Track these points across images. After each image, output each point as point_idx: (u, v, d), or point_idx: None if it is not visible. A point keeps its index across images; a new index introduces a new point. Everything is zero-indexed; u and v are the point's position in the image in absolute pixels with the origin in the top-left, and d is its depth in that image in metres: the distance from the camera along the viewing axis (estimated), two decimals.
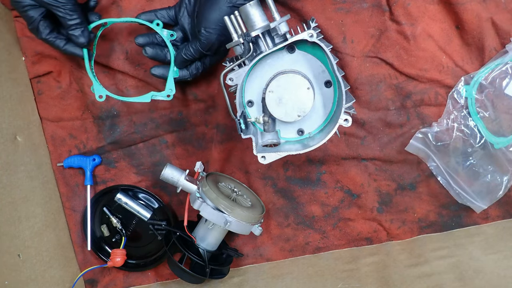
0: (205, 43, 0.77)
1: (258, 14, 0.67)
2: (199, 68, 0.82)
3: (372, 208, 0.91)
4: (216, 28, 0.75)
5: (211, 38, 0.76)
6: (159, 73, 0.83)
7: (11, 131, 0.83)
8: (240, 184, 0.92)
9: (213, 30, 0.76)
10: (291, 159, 0.91)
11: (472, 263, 0.81)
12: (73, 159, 0.92)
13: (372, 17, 0.84)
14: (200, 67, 0.82)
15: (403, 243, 0.91)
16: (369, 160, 0.90)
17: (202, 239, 0.85)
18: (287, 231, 0.93)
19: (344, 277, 0.84)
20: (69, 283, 0.90)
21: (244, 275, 0.91)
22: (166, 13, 0.83)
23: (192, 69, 0.82)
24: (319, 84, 0.71)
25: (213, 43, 0.77)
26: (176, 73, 0.82)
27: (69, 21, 0.76)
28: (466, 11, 0.82)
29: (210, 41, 0.77)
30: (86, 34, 0.78)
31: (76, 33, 0.77)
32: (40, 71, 0.90)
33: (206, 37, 0.76)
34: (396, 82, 0.87)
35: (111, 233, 0.93)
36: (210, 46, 0.77)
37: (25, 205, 0.83)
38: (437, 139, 0.85)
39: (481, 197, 0.86)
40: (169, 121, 0.92)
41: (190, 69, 0.82)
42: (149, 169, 0.94)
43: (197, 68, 0.82)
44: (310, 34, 0.65)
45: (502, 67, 0.83)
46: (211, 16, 0.75)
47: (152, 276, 0.95)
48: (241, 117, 0.70)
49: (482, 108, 0.84)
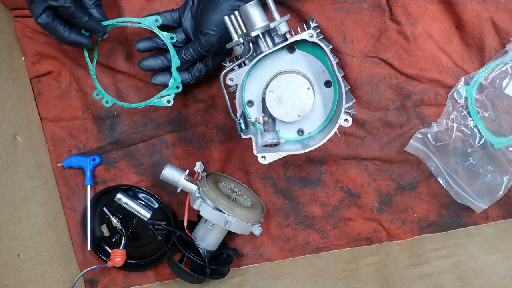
0: (205, 44, 0.77)
1: (258, 14, 0.67)
2: (201, 71, 0.82)
3: (372, 208, 0.91)
4: (217, 30, 0.76)
5: (211, 40, 0.77)
6: (160, 81, 0.82)
7: (11, 131, 0.83)
8: (240, 184, 0.92)
9: (213, 31, 0.76)
10: (291, 159, 0.91)
11: (472, 263, 0.81)
12: (73, 159, 0.92)
13: (372, 17, 0.85)
14: (203, 69, 0.82)
15: (403, 243, 0.91)
16: (369, 160, 0.90)
17: (202, 239, 0.85)
18: (287, 231, 0.93)
19: (344, 277, 0.84)
20: (69, 283, 0.90)
21: (244, 275, 0.91)
22: (170, 15, 0.82)
23: (195, 72, 0.82)
24: (319, 84, 0.71)
25: (212, 44, 0.77)
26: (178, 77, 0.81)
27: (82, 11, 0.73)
28: (466, 11, 0.82)
29: (210, 43, 0.77)
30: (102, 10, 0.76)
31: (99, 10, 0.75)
32: (40, 71, 0.90)
33: (206, 39, 0.77)
34: (396, 82, 0.87)
35: (111, 233, 0.93)
36: (210, 47, 0.78)
37: (25, 205, 0.83)
38: (437, 139, 0.85)
39: (481, 197, 0.86)
40: (169, 121, 0.92)
41: (192, 72, 0.82)
42: (149, 169, 0.94)
43: (200, 71, 0.82)
44: (310, 34, 0.65)
45: (502, 67, 0.83)
46: (212, 18, 0.76)
47: (152, 276, 0.95)
48: (241, 117, 0.70)
49: (482, 108, 0.84)
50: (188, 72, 0.82)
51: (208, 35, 0.76)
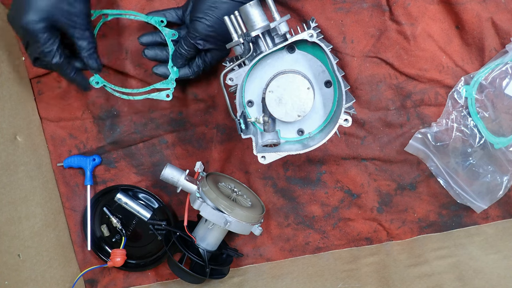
0: (193, 33, 0.77)
1: (258, 14, 0.67)
2: (200, 66, 0.82)
3: (372, 208, 0.91)
4: (205, 18, 0.75)
5: (198, 27, 0.76)
6: (161, 72, 0.82)
7: (11, 131, 0.83)
8: (240, 184, 0.92)
9: (200, 19, 0.75)
10: (291, 159, 0.91)
11: (472, 263, 0.81)
12: (73, 159, 0.92)
13: (372, 17, 0.85)
14: (201, 64, 0.82)
15: (403, 243, 0.91)
16: (369, 160, 0.90)
17: (202, 239, 0.85)
18: (287, 231, 0.93)
19: (344, 277, 0.84)
20: (69, 283, 0.90)
21: (244, 275, 0.91)
22: (174, 12, 0.83)
23: (194, 67, 0.82)
24: (319, 84, 0.71)
25: (200, 31, 0.76)
26: (176, 73, 0.82)
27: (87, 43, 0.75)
28: (466, 11, 0.82)
29: (197, 30, 0.76)
30: (99, 59, 0.78)
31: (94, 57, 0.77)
32: (40, 71, 0.90)
33: (193, 27, 0.76)
34: (396, 82, 0.87)
35: (111, 233, 0.93)
36: (198, 35, 0.76)
37: (25, 205, 0.83)
38: (437, 139, 0.85)
39: (481, 197, 0.86)
40: (169, 121, 0.92)
41: (192, 67, 0.82)
42: (149, 169, 0.94)
43: (198, 66, 0.82)
44: (310, 34, 0.65)
45: (502, 67, 0.83)
46: (200, 6, 0.76)
47: (152, 276, 0.95)
48: (241, 117, 0.70)
49: (482, 108, 0.84)
50: (188, 68, 0.82)
51: (196, 23, 0.76)
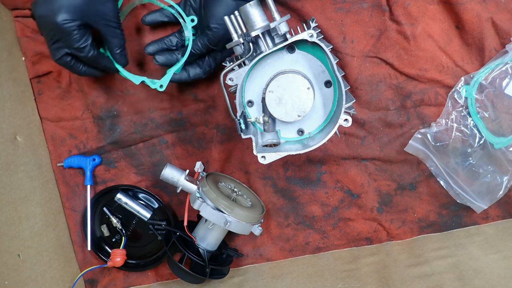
0: (213, 38, 0.78)
1: (258, 14, 0.67)
2: (211, 65, 0.83)
3: (372, 208, 0.91)
4: (224, 24, 0.76)
5: (218, 33, 0.78)
6: (162, 61, 0.83)
7: (11, 131, 0.83)
8: (240, 184, 0.92)
9: (220, 25, 0.77)
10: (291, 159, 0.91)
11: (472, 263, 0.81)
12: (73, 159, 0.92)
13: (372, 17, 0.85)
14: (213, 63, 0.83)
15: (403, 243, 0.91)
16: (369, 160, 0.90)
17: (202, 239, 0.85)
18: (287, 231, 0.93)
19: (344, 277, 0.84)
20: (69, 283, 0.90)
21: (244, 275, 0.91)
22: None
23: (205, 66, 0.83)
24: (319, 84, 0.71)
25: (220, 38, 0.78)
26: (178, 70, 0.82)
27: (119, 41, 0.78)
28: (466, 11, 0.82)
29: (217, 36, 0.78)
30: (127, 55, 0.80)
31: (124, 53, 0.79)
32: (40, 71, 0.90)
33: (214, 33, 0.78)
34: (396, 82, 0.87)
35: (111, 233, 0.93)
36: (218, 41, 0.79)
37: (25, 205, 0.83)
38: (436, 139, 0.85)
39: (481, 197, 0.86)
40: (169, 121, 0.92)
41: (203, 67, 0.83)
42: (149, 169, 0.94)
43: (210, 65, 0.83)
44: (310, 34, 0.65)
45: (502, 67, 0.83)
46: (217, 12, 0.77)
47: (152, 276, 0.95)
48: (241, 117, 0.70)
49: (482, 108, 0.84)
50: (199, 67, 0.83)
51: (216, 29, 0.78)
